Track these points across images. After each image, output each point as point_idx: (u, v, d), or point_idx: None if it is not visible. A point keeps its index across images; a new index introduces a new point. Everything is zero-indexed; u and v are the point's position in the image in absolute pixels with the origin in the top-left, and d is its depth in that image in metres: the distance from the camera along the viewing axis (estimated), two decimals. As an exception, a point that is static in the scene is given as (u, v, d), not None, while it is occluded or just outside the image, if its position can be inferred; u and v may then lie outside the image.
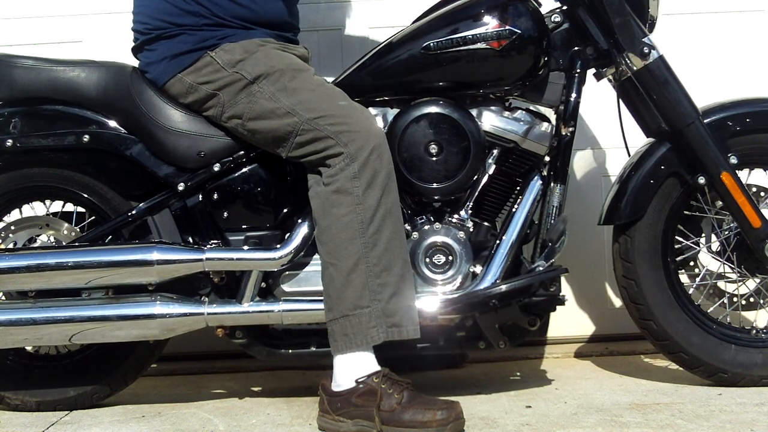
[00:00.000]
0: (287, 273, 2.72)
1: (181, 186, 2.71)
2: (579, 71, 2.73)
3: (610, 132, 3.12)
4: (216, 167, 2.71)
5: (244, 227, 2.75)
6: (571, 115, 2.72)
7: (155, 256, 2.64)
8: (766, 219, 2.74)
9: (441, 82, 2.71)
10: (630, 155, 2.88)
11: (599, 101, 3.00)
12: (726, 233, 2.83)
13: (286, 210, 2.74)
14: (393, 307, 2.50)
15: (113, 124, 2.72)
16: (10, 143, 2.69)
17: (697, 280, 2.88)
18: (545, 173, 2.75)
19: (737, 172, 2.75)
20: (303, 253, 2.69)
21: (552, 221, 2.72)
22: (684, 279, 2.89)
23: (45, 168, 2.76)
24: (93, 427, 2.66)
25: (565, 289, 3.37)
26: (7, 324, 2.67)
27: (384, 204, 2.52)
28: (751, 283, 2.87)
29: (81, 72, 2.72)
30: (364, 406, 2.46)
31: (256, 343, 2.78)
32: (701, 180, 2.75)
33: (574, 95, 2.72)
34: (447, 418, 2.42)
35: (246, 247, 2.71)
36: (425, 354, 2.80)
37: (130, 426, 2.67)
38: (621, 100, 2.85)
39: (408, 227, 2.69)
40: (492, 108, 2.74)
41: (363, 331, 2.49)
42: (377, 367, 2.51)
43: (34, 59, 2.74)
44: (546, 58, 2.71)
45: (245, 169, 2.73)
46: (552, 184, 2.73)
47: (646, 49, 2.71)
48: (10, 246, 2.77)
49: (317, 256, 2.64)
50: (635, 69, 2.73)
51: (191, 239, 2.74)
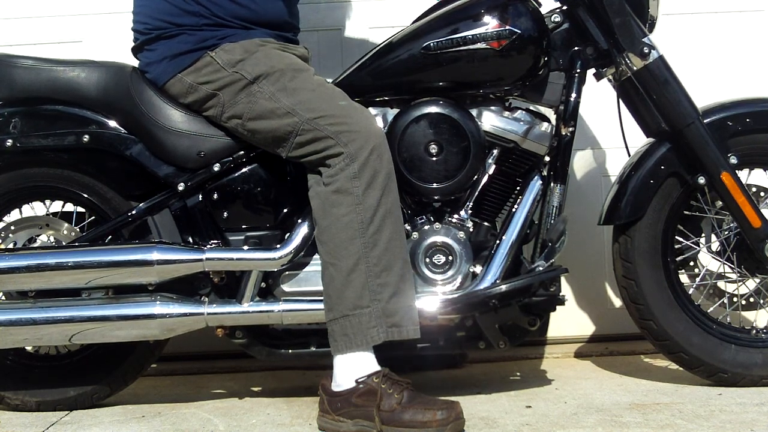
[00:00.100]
0: (287, 273, 2.72)
1: (181, 186, 2.71)
2: (579, 71, 2.73)
3: (610, 132, 3.12)
4: (216, 167, 2.71)
5: (244, 227, 2.75)
6: (571, 115, 2.72)
7: (155, 256, 2.64)
8: (766, 219, 2.74)
9: (441, 82, 2.71)
10: (630, 155, 2.88)
11: (599, 101, 3.00)
12: (726, 233, 2.83)
13: (286, 210, 2.74)
14: (393, 307, 2.50)
15: (113, 124, 2.72)
16: (10, 143, 2.69)
17: (697, 280, 2.88)
18: (545, 173, 2.75)
19: (737, 172, 2.75)
20: (303, 253, 2.69)
21: (552, 221, 2.72)
22: (684, 279, 2.89)
23: (45, 168, 2.76)
24: (93, 427, 2.66)
25: (565, 289, 3.37)
26: (7, 324, 2.67)
27: (384, 204, 2.52)
28: (751, 283, 2.87)
29: (81, 72, 2.72)
30: (364, 406, 2.46)
31: (256, 343, 2.78)
32: (701, 180, 2.75)
33: (574, 95, 2.72)
34: (447, 418, 2.42)
35: (246, 247, 2.71)
36: (425, 354, 2.80)
37: (130, 426, 2.67)
38: (621, 100, 2.85)
39: (408, 227, 2.69)
40: (492, 108, 2.74)
41: (363, 331, 2.49)
42: (377, 367, 2.51)
43: (34, 59, 2.74)
44: (546, 58, 2.71)
45: (245, 169, 2.73)
46: (552, 184, 2.73)
47: (646, 49, 2.71)
48: (10, 246, 2.77)
49: (317, 256, 2.64)
50: (635, 69, 2.73)
51: (191, 239, 2.74)
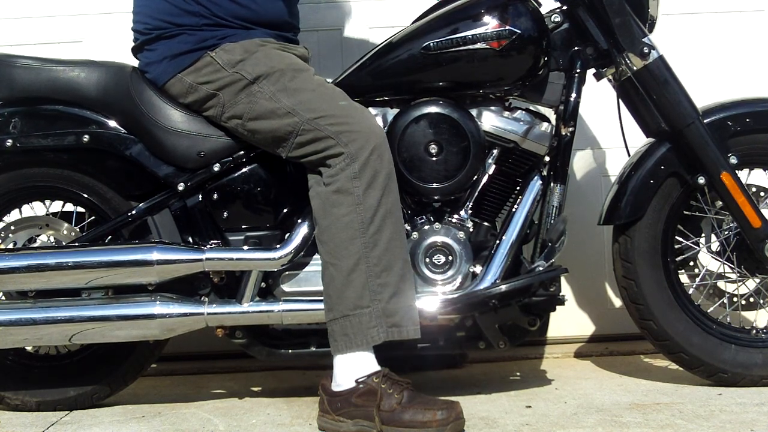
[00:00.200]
0: (287, 273, 2.72)
1: (181, 186, 2.71)
2: (579, 71, 2.73)
3: (610, 132, 3.12)
4: (216, 167, 2.71)
5: (243, 227, 2.75)
6: (571, 115, 2.72)
7: (155, 256, 2.64)
8: (766, 219, 2.74)
9: (441, 82, 2.71)
10: (630, 155, 2.88)
11: (599, 101, 2.99)
12: (726, 233, 2.83)
13: (286, 210, 2.74)
14: (393, 307, 2.50)
15: (113, 124, 2.72)
16: (10, 143, 2.69)
17: (697, 280, 2.88)
18: (545, 173, 2.75)
19: (737, 172, 2.75)
20: (303, 253, 2.69)
21: (552, 221, 2.72)
22: (684, 279, 2.89)
23: (45, 168, 2.76)
24: (93, 427, 2.66)
25: (565, 289, 3.37)
26: (7, 324, 2.67)
27: (384, 204, 2.52)
28: (751, 283, 2.87)
29: (81, 72, 2.72)
30: (364, 406, 2.46)
31: (256, 343, 2.78)
32: (701, 180, 2.75)
33: (574, 95, 2.72)
34: (447, 418, 2.42)
35: (246, 247, 2.71)
36: (425, 354, 2.80)
37: (130, 426, 2.67)
38: (621, 100, 2.85)
39: (408, 227, 2.69)
40: (492, 108, 2.74)
41: (363, 331, 2.49)
42: (377, 367, 2.51)
43: (34, 59, 2.74)
44: (546, 58, 2.71)
45: (245, 169, 2.73)
46: (552, 184, 2.73)
47: (646, 49, 2.71)
48: (10, 246, 2.77)
49: (317, 256, 2.64)
50: (635, 69, 2.73)
51: (191, 239, 2.74)
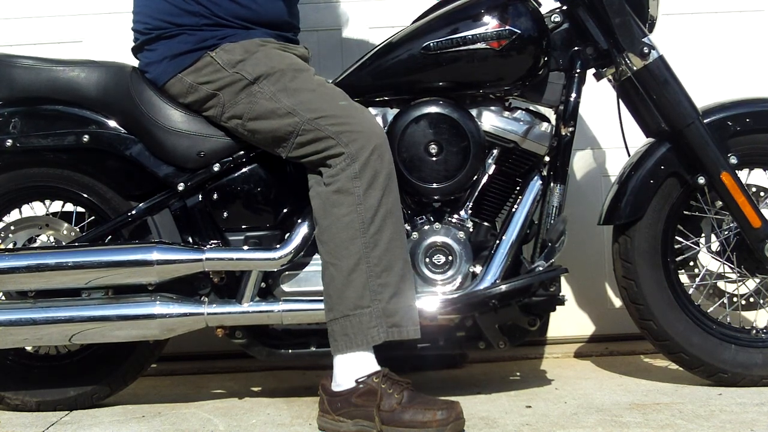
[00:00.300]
0: (287, 273, 2.72)
1: (181, 186, 2.71)
2: (579, 71, 2.73)
3: (610, 132, 3.12)
4: (216, 167, 2.70)
5: (243, 227, 2.75)
6: (571, 115, 2.72)
7: (155, 256, 2.64)
8: (766, 219, 2.74)
9: (441, 82, 2.71)
10: (630, 155, 2.88)
11: (599, 101, 2.99)
12: (726, 233, 2.83)
13: (286, 210, 2.74)
14: (393, 307, 2.50)
15: (113, 124, 2.72)
16: (10, 143, 2.69)
17: (697, 280, 2.88)
18: (545, 173, 2.75)
19: (737, 172, 2.75)
20: (303, 253, 2.69)
21: (552, 221, 2.72)
22: (684, 279, 2.89)
23: (45, 168, 2.76)
24: (93, 427, 2.66)
25: (565, 289, 3.37)
26: (7, 324, 2.67)
27: (385, 204, 2.52)
28: (751, 283, 2.87)
29: (81, 72, 2.72)
30: (364, 406, 2.46)
31: (256, 343, 2.78)
32: (701, 180, 2.75)
33: (574, 95, 2.72)
34: (447, 418, 2.42)
35: (246, 247, 2.71)
36: (425, 354, 2.80)
37: (130, 426, 2.67)
38: (621, 100, 2.85)
39: (408, 227, 2.69)
40: (492, 108, 2.74)
41: (363, 331, 2.49)
42: (377, 367, 2.51)
43: (34, 59, 2.74)
44: (546, 58, 2.71)
45: (245, 169, 2.73)
46: (552, 184, 2.73)
47: (646, 49, 2.71)
48: (10, 246, 2.77)
49: (317, 256, 2.64)
50: (635, 69, 2.73)
51: (191, 239, 2.74)
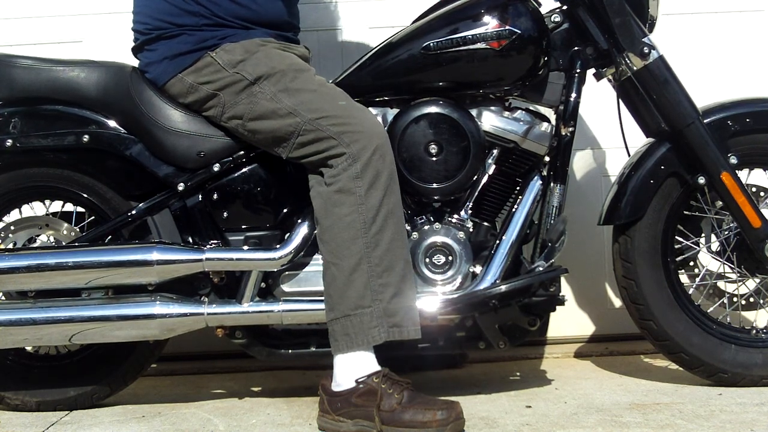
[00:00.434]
0: (287, 273, 2.72)
1: (181, 186, 2.71)
2: (579, 71, 2.73)
3: (610, 132, 3.12)
4: (216, 167, 2.70)
5: (243, 227, 2.75)
6: (571, 115, 2.72)
7: (155, 256, 2.64)
8: (766, 219, 2.74)
9: (441, 82, 2.71)
10: (630, 155, 2.88)
11: (599, 101, 2.99)
12: (726, 233, 2.83)
13: (286, 210, 2.74)
14: (394, 308, 2.50)
15: (113, 124, 2.72)
16: (10, 143, 2.69)
17: (697, 280, 2.88)
18: (545, 173, 2.75)
19: (737, 172, 2.75)
20: (303, 253, 2.68)
21: (552, 221, 2.72)
22: (684, 279, 2.89)
23: (45, 168, 2.76)
24: (93, 427, 2.66)
25: (565, 289, 3.37)
26: (7, 324, 2.67)
27: (386, 204, 2.52)
28: (751, 283, 2.87)
29: (81, 72, 2.72)
30: (364, 406, 2.46)
31: (256, 343, 2.78)
32: (701, 180, 2.75)
33: (574, 95, 2.72)
34: (447, 418, 2.42)
35: (246, 247, 2.71)
36: (425, 354, 2.80)
37: (130, 426, 2.67)
38: (621, 100, 2.85)
39: (408, 227, 2.69)
40: (492, 108, 2.74)
41: (364, 331, 2.49)
42: (377, 367, 2.51)
43: (34, 59, 2.74)
44: (546, 58, 2.71)
45: (245, 169, 2.73)
46: (552, 184, 2.73)
47: (646, 49, 2.71)
48: (10, 246, 2.77)
49: (317, 256, 2.64)
50: (635, 69, 2.73)
51: (191, 239, 2.74)
